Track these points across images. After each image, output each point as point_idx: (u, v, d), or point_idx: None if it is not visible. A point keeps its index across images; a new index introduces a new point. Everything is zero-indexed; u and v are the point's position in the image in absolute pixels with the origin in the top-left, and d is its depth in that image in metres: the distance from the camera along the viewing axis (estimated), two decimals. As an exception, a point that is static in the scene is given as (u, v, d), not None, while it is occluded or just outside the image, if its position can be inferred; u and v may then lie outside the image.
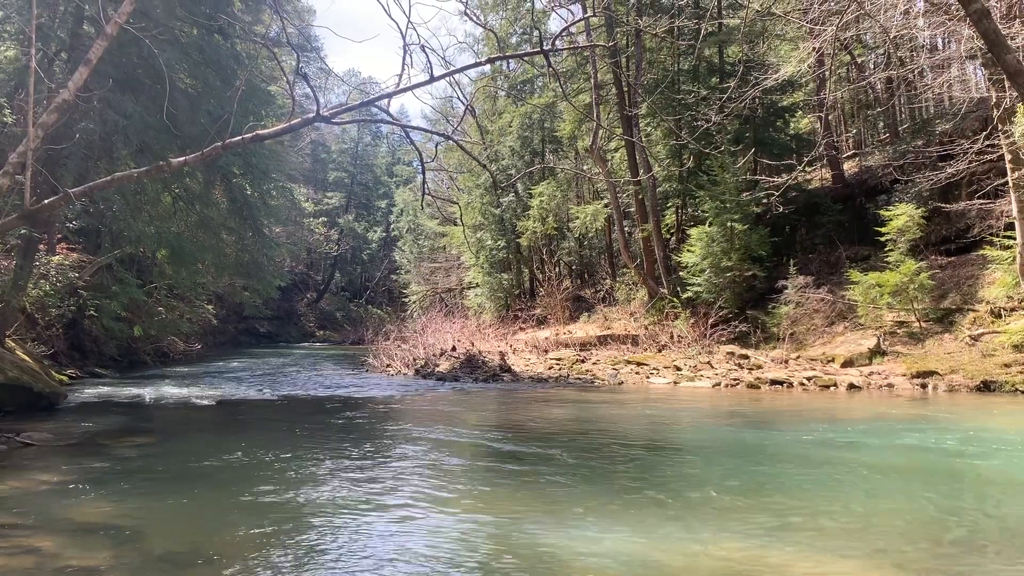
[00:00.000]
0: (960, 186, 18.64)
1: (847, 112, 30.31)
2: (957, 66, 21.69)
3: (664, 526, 5.28)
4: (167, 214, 17.39)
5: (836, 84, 25.40)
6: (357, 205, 65.92)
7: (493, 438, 9.93)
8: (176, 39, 14.84)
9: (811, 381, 15.83)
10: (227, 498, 6.10)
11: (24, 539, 4.80)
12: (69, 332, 18.84)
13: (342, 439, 9.40)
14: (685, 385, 16.67)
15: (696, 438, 9.76)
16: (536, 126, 33.78)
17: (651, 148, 26.27)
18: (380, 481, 6.72)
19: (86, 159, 14.48)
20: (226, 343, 40.07)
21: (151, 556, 4.45)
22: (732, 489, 6.54)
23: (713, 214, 21.52)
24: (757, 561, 4.52)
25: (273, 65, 22.45)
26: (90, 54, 8.98)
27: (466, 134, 35.05)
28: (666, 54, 26.86)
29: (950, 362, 15.48)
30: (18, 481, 6.44)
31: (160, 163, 9.43)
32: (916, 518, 5.57)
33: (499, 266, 36.68)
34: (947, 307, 17.45)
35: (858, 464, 7.71)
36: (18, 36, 14.52)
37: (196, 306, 25.73)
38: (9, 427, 9.00)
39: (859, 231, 22.10)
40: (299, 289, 58.47)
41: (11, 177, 8.70)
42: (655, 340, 22.04)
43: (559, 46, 19.42)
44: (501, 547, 4.77)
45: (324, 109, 8.81)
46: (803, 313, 19.72)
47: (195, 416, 11.84)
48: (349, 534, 5.01)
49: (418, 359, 21.63)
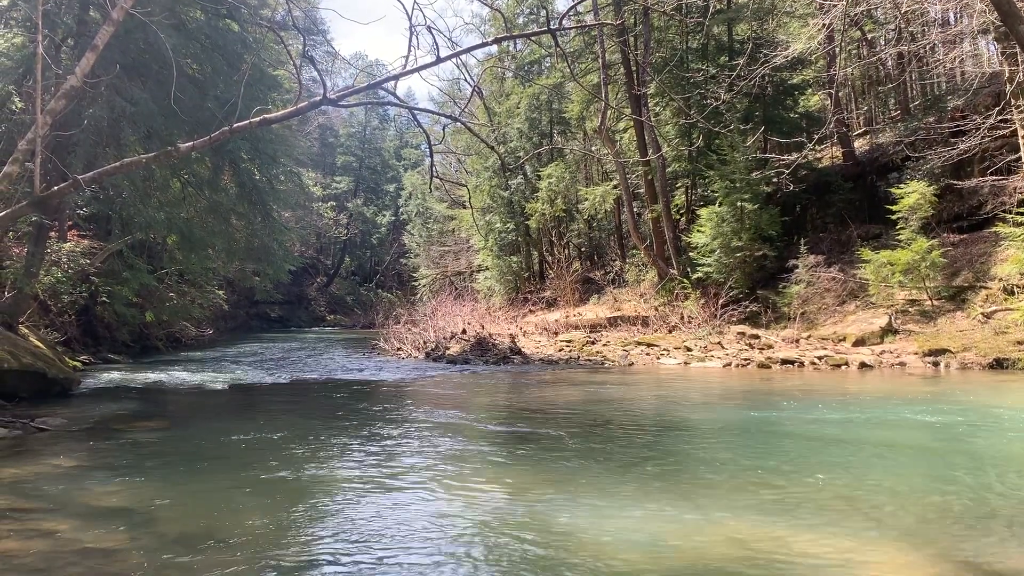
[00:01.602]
0: (972, 163, 18.48)
1: (858, 89, 30.03)
2: (969, 41, 21.46)
3: (675, 505, 5.29)
4: (176, 200, 17.44)
5: (846, 61, 25.16)
6: (366, 189, 65.87)
7: (504, 419, 9.96)
8: (182, 24, 14.81)
9: (822, 360, 15.79)
10: (240, 480, 6.14)
11: (41, 522, 4.85)
12: (82, 318, 18.94)
13: (354, 422, 9.44)
14: (696, 366, 16.66)
15: (707, 418, 9.76)
16: (544, 107, 33.62)
17: (660, 128, 26.13)
18: (392, 463, 6.75)
19: (94, 145, 14.50)
20: (237, 328, 40.24)
21: (166, 538, 4.49)
22: (743, 468, 6.54)
23: (723, 194, 21.41)
24: (768, 538, 4.52)
25: (280, 49, 22.39)
26: (96, 40, 8.97)
27: (474, 116, 34.98)
28: (674, 32, 26.63)
29: (962, 340, 15.40)
30: (34, 465, 6.49)
31: (168, 148, 9.45)
32: (927, 496, 5.56)
33: (508, 249, 36.64)
34: (959, 285, 17.34)
35: (869, 442, 7.70)
36: (25, 23, 14.52)
37: (207, 291, 25.80)
38: (24, 412, 9.08)
39: (870, 209, 21.96)
40: (309, 274, 58.61)
41: (20, 164, 8.73)
42: (665, 321, 22.02)
43: (566, 25, 19.28)
44: (514, 526, 4.79)
45: (331, 92, 8.79)
46: (814, 292, 19.64)
47: (208, 400, 11.91)
48: (362, 515, 5.04)
49: (428, 342, 21.68)
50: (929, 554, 4.28)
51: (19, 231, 16.26)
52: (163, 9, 13.22)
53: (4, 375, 9.95)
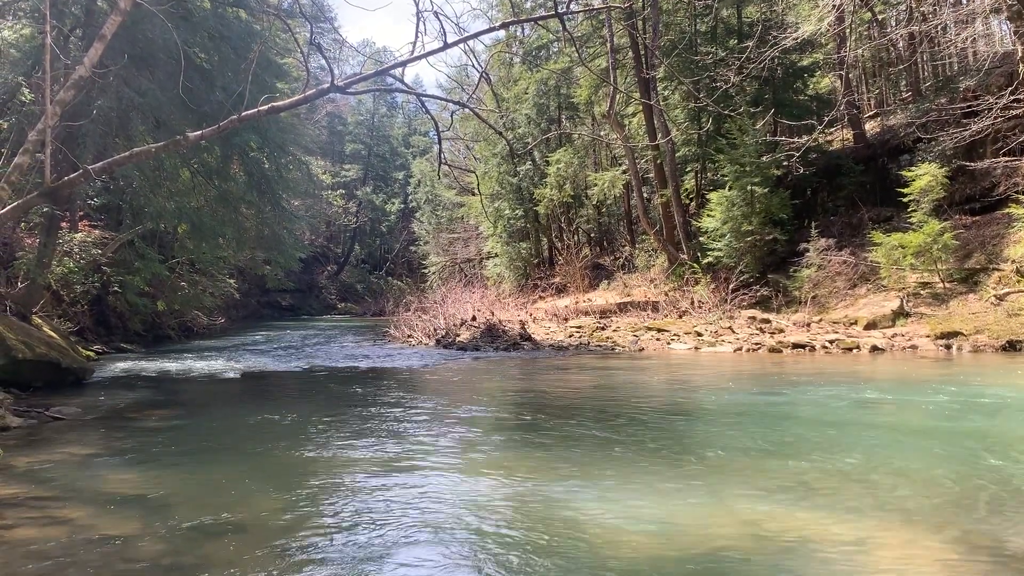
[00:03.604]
0: (985, 144, 18.31)
1: (868, 71, 29.77)
2: (981, 20, 21.19)
3: (687, 489, 5.30)
4: (186, 189, 17.47)
5: (856, 42, 24.96)
6: (374, 177, 65.88)
7: (515, 405, 9.98)
8: (190, 13, 14.80)
9: (833, 344, 15.74)
10: (255, 467, 6.18)
11: (57, 510, 4.89)
12: (94, 308, 19.05)
13: (366, 409, 9.48)
14: (706, 350, 16.63)
15: (718, 402, 9.76)
16: (552, 92, 33.49)
17: (669, 112, 26.00)
18: (404, 449, 6.78)
19: (104, 136, 14.54)
20: (249, 316, 40.43)
21: (180, 525, 4.52)
22: (755, 451, 6.53)
23: (733, 178, 21.31)
24: (781, 522, 4.53)
25: (287, 37, 22.36)
26: (104, 29, 8.97)
27: (482, 102, 34.86)
28: (683, 15, 26.44)
29: (975, 322, 15.32)
30: (49, 454, 6.55)
31: (178, 137, 9.46)
32: (941, 479, 5.54)
33: (517, 235, 36.62)
34: (972, 267, 17.23)
35: (882, 426, 7.68)
36: (33, 13, 14.54)
37: (219, 280, 25.92)
38: (39, 402, 9.16)
39: (881, 192, 21.82)
40: (320, 262, 58.80)
41: (31, 155, 8.76)
42: (675, 306, 21.98)
43: (574, 9, 19.16)
44: (525, 511, 4.81)
45: (338, 80, 8.77)
46: (825, 276, 19.56)
47: (220, 389, 11.98)
48: (375, 502, 5.06)
49: (439, 329, 21.72)
50: (944, 537, 4.27)
51: (31, 222, 16.35)
52: (170, -2, 13.20)
53: (19, 365, 10.03)
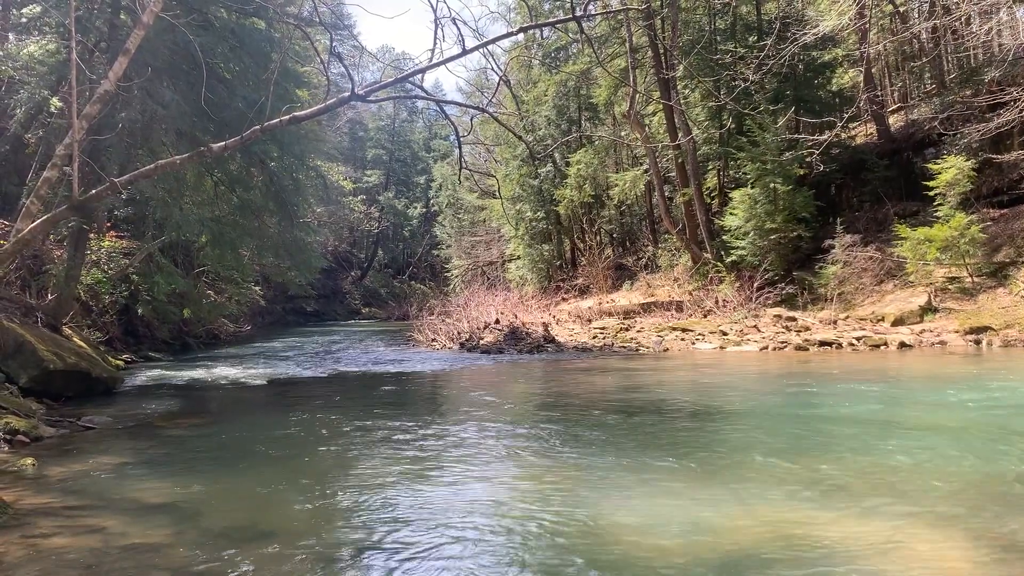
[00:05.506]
0: (1012, 135, 18.08)
1: (891, 65, 29.45)
2: (1005, 10, 20.89)
3: (712, 491, 5.28)
4: (208, 199, 17.62)
5: (878, 36, 24.69)
6: (396, 182, 66.22)
7: (540, 408, 9.98)
8: (210, 24, 14.94)
9: (860, 341, 15.59)
10: (282, 474, 6.23)
11: (90, 519, 4.97)
12: (122, 318, 19.28)
13: (393, 413, 9.53)
14: (732, 350, 16.54)
15: (744, 402, 9.70)
16: (572, 94, 33.47)
17: (689, 111, 25.89)
18: (431, 455, 6.81)
19: (129, 148, 14.71)
20: (274, 323, 40.74)
21: (211, 533, 4.58)
22: (781, 452, 6.49)
23: (755, 176, 21.19)
24: (806, 523, 4.49)
25: (306, 46, 22.48)
26: (128, 44, 9.10)
27: (501, 105, 34.93)
28: (702, 13, 26.34)
29: (1004, 317, 15.11)
30: (81, 464, 6.65)
31: (202, 148, 9.56)
32: (969, 478, 5.48)
33: (539, 237, 36.60)
34: (1000, 261, 16.99)
35: (910, 424, 7.60)
36: (58, 29, 14.75)
37: (244, 288, 26.12)
38: (70, 412, 9.30)
39: (906, 186, 21.59)
40: (343, 267, 59.11)
41: (59, 169, 8.91)
42: (700, 306, 21.88)
43: (592, 11, 19.15)
44: (550, 513, 4.81)
45: (359, 87, 8.83)
46: (851, 272, 19.38)
47: (248, 396, 12.08)
48: (404, 506, 5.09)
49: (462, 333, 21.76)
50: (971, 537, 4.22)
51: (59, 234, 16.59)
52: (191, 10, 13.36)
53: (51, 375, 10.19)
